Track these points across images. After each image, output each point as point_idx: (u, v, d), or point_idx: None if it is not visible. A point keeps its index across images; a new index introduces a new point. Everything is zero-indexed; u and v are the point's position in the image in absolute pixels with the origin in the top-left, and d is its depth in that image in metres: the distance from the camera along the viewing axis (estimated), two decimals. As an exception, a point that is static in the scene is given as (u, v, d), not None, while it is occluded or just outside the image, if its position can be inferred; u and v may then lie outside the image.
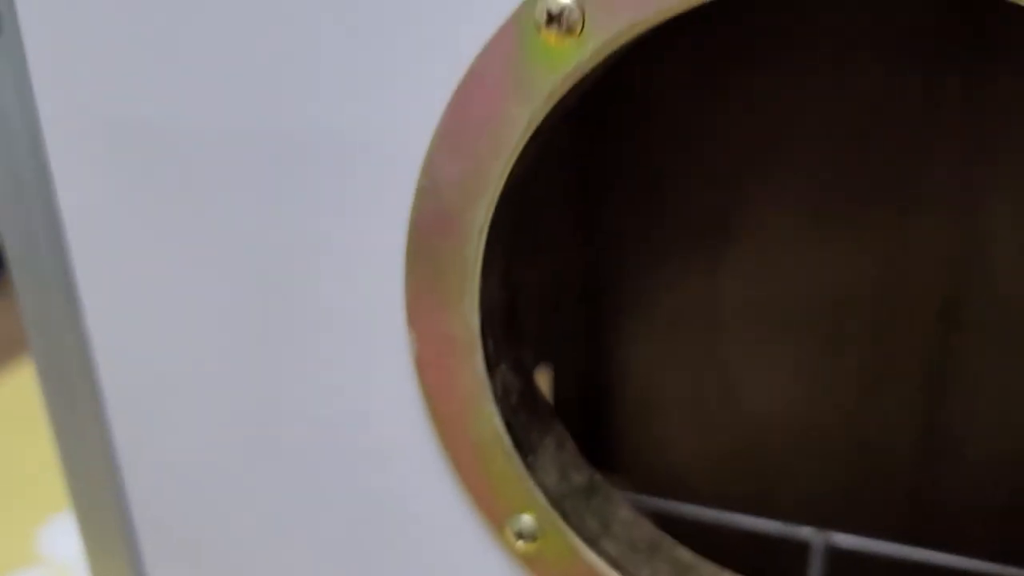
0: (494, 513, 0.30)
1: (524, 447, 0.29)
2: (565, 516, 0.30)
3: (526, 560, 0.30)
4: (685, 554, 0.32)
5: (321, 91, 0.27)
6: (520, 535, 0.30)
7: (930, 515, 0.68)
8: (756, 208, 0.67)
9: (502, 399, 0.28)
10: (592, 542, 0.30)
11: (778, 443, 0.71)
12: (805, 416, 0.70)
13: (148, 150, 0.30)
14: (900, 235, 0.64)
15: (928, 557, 0.31)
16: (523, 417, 0.30)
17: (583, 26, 0.24)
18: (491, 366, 0.28)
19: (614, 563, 0.30)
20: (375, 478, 0.32)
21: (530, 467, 0.29)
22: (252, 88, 0.28)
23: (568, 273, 0.71)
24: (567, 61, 0.24)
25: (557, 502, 0.30)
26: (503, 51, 0.25)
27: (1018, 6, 0.52)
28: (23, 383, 1.36)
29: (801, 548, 0.38)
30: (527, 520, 0.30)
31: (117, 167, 0.31)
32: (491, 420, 0.28)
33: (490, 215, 0.26)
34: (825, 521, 0.71)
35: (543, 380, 0.74)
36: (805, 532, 0.32)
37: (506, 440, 0.29)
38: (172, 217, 0.31)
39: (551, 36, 0.24)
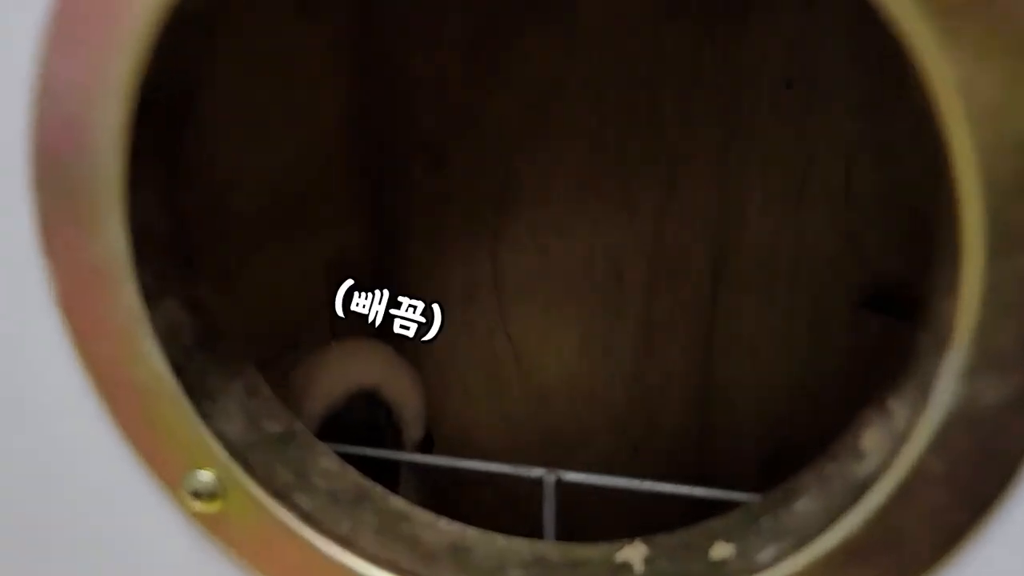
0: (167, 471, 0.27)
1: (198, 393, 0.27)
2: (250, 469, 0.27)
3: (207, 522, 0.27)
4: (397, 503, 0.30)
5: None
6: (197, 494, 0.27)
7: (705, 463, 0.71)
8: (530, 180, 0.68)
9: (168, 339, 0.26)
10: (283, 496, 0.28)
11: (565, 406, 0.73)
12: (588, 377, 0.72)
13: None
14: (669, 199, 0.67)
15: (651, 487, 0.31)
16: (200, 360, 0.27)
17: None
18: (151, 301, 0.26)
19: (308, 517, 0.27)
20: (29, 437, 0.29)
21: (206, 416, 0.27)
22: None
23: (353, 252, 0.70)
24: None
25: (240, 454, 0.27)
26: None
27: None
28: None
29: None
30: (205, 476, 0.27)
31: None
32: (151, 363, 0.26)
33: (125, 120, 0.24)
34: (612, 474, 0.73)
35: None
36: (537, 472, 0.31)
37: (173, 385, 0.26)
38: None
39: None
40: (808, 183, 0.64)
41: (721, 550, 0.25)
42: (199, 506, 0.27)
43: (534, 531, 0.37)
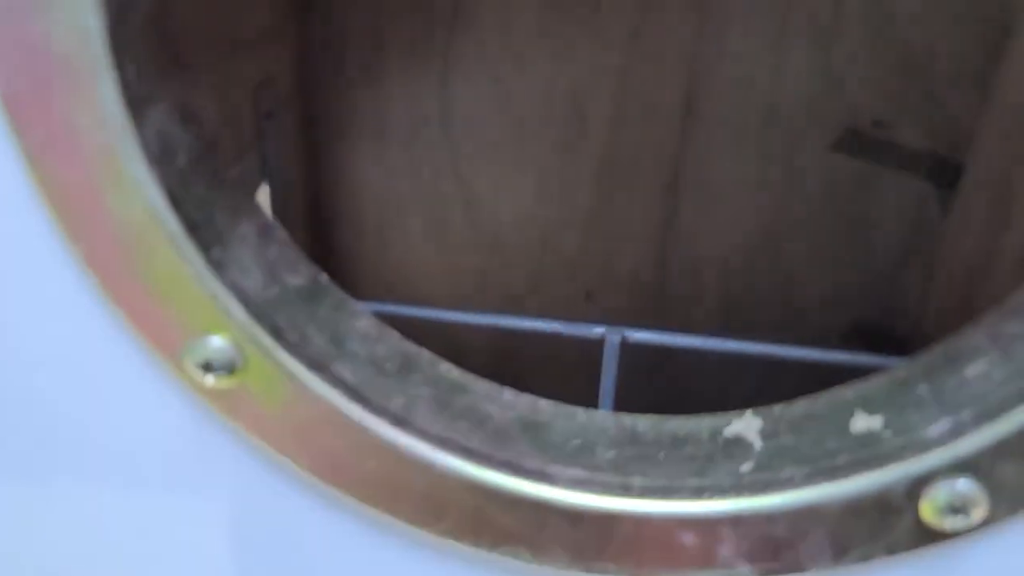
0: (166, 338, 0.20)
1: (204, 234, 0.20)
2: (276, 333, 0.21)
3: (221, 401, 0.21)
4: (451, 371, 0.24)
5: None
6: (208, 366, 0.20)
7: (660, 311, 0.69)
8: (487, 2, 0.60)
9: (160, 158, 0.19)
10: (319, 366, 0.21)
11: (520, 255, 0.68)
12: (543, 221, 0.67)
13: None
14: (639, 28, 0.60)
15: (739, 348, 0.26)
16: (200, 190, 0.20)
17: None
18: (136, 104, 0.18)
19: (354, 392, 0.21)
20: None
21: (217, 264, 0.20)
22: None
23: (281, 76, 0.61)
24: None
25: (263, 314, 0.21)
26: None
27: None
28: None
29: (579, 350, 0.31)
30: (218, 343, 0.20)
31: None
32: (141, 191, 0.19)
33: None
34: (567, 320, 0.70)
35: (262, 201, 0.64)
36: (597, 331, 0.25)
37: (172, 222, 0.19)
38: None
39: None
40: (792, 13, 0.59)
41: (864, 422, 0.22)
42: (211, 381, 0.20)
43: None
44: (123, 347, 0.21)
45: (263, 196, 0.61)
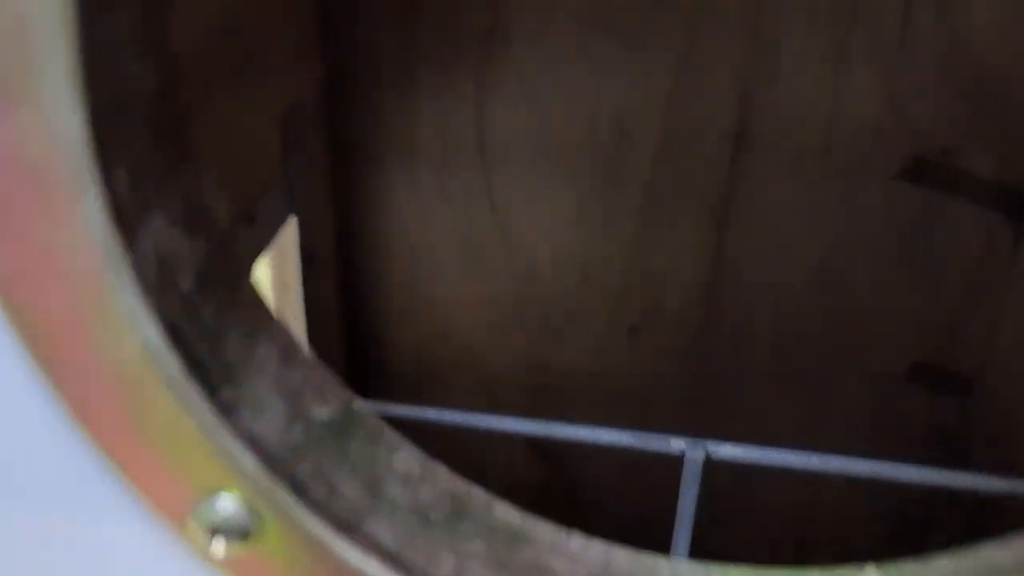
0: (167, 497, 0.17)
1: (211, 372, 0.17)
2: (299, 488, 0.17)
3: (233, 572, 0.18)
4: (508, 514, 0.20)
5: None
6: (217, 530, 0.17)
7: (708, 351, 0.65)
8: (524, 21, 0.56)
9: (158, 284, 0.16)
10: (350, 526, 0.18)
11: (559, 287, 0.64)
12: (584, 253, 0.63)
13: None
14: (689, 47, 0.56)
15: (842, 468, 0.22)
16: (208, 314, 0.17)
17: None
18: (128, 220, 0.15)
19: (394, 558, 0.17)
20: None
21: (227, 408, 0.17)
22: None
23: (309, 102, 0.57)
24: None
25: (281, 463, 0.17)
26: None
27: None
28: None
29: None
30: (228, 504, 0.17)
31: None
32: (132, 324, 0.15)
33: None
34: (610, 362, 0.66)
35: (289, 234, 0.61)
36: (677, 445, 0.21)
37: (170, 362, 0.16)
38: None
39: None
40: (853, 32, 0.54)
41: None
42: (221, 549, 0.17)
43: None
44: (119, 508, 0.17)
45: (291, 230, 0.58)
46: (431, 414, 0.23)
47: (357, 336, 0.67)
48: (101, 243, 0.15)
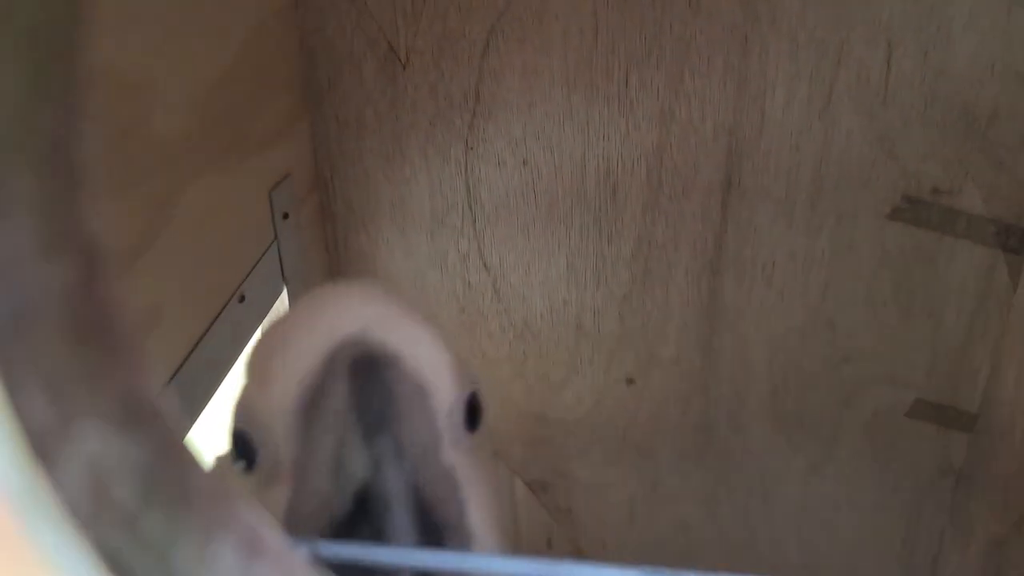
0: None
1: None
2: None
3: None
4: None
5: None
6: None
7: (707, 400, 0.64)
8: (508, 80, 0.56)
9: (94, 507, 0.14)
10: None
11: (554, 341, 0.64)
12: (577, 309, 0.63)
13: None
14: (674, 97, 0.56)
15: None
16: (157, 522, 0.14)
17: None
18: (50, 444, 0.13)
19: None
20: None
21: None
22: None
23: (296, 173, 0.57)
24: None
25: None
26: None
27: None
28: None
29: None
30: None
31: None
32: (62, 566, 0.14)
33: None
34: (610, 416, 0.65)
35: (281, 305, 0.60)
36: None
37: None
38: None
39: None
40: (838, 77, 0.54)
41: None
42: None
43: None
44: None
45: (283, 302, 0.57)
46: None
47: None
48: (14, 485, 0.13)
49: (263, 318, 0.53)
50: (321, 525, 0.24)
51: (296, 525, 0.25)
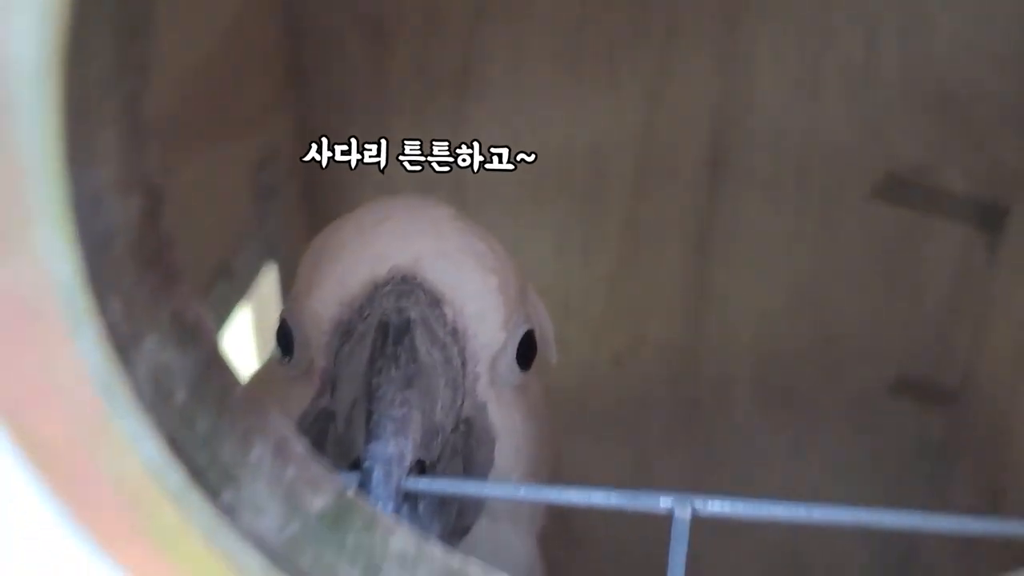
0: None
1: (212, 478, 0.17)
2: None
3: None
4: None
5: None
6: None
7: (694, 378, 0.65)
8: (497, 61, 0.56)
9: (156, 401, 0.16)
10: None
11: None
12: (564, 286, 0.63)
13: None
14: (662, 80, 0.57)
15: (855, 519, 0.22)
16: (205, 424, 0.17)
17: None
18: (125, 347, 0.15)
19: None
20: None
21: (230, 511, 0.17)
22: None
23: (283, 149, 0.57)
24: None
25: (285, 559, 0.17)
26: None
27: None
28: None
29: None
30: None
31: None
32: (133, 443, 0.16)
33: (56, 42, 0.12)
34: (596, 396, 0.66)
35: (269, 282, 0.60)
36: (665, 502, 0.21)
37: (172, 474, 0.16)
38: None
39: None
40: (823, 58, 0.55)
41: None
42: None
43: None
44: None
45: (271, 277, 0.57)
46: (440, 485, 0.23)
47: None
48: (100, 372, 0.15)
49: (249, 295, 0.54)
50: (328, 436, 0.25)
51: (308, 427, 0.26)
